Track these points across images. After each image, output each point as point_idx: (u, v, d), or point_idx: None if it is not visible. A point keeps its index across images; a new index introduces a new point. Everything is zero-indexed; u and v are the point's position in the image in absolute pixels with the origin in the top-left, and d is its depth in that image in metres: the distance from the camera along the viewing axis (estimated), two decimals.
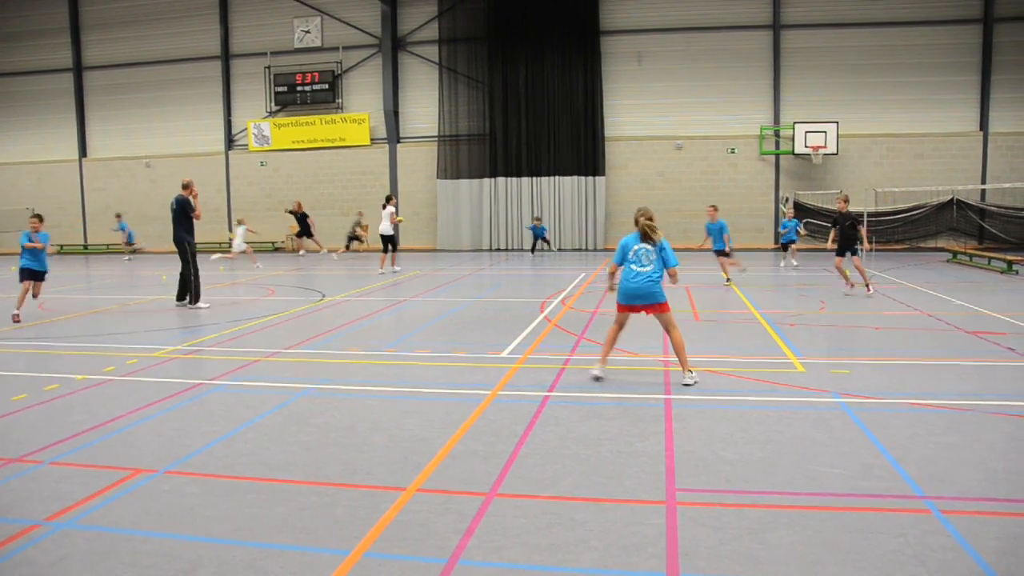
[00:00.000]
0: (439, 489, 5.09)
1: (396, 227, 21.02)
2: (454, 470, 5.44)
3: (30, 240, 12.83)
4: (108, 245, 31.76)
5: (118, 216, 22.83)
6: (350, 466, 5.59)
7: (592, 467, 5.44)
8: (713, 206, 16.69)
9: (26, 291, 12.89)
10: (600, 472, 5.34)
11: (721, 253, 16.14)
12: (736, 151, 26.49)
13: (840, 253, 14.47)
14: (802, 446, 5.82)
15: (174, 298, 14.53)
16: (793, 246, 20.29)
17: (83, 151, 32.35)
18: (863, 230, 15.57)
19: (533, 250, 26.23)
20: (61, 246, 31.51)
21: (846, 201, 14.74)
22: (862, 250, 15.57)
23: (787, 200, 25.68)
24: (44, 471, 5.65)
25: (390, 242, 20.42)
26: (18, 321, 12.58)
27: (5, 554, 4.29)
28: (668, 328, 7.91)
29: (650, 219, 8.02)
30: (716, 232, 16.13)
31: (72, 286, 19.14)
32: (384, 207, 20.57)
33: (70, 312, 14.07)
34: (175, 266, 15.29)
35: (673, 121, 27.01)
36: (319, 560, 4.15)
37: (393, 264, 20.81)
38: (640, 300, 7.88)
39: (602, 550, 4.17)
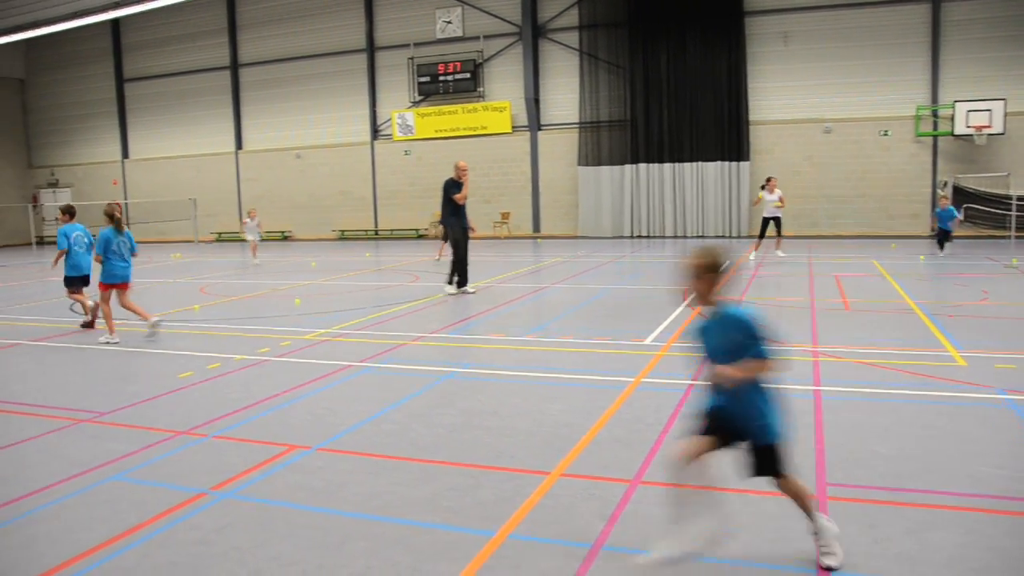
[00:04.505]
0: (583, 474, 5.12)
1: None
2: (598, 456, 5.45)
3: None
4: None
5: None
6: (494, 449, 5.70)
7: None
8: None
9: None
10: None
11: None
12: (890, 133, 25.12)
13: None
14: (964, 444, 5.52)
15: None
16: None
17: (239, 144, 34.13)
18: None
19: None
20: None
21: None
22: None
23: (945, 184, 24.21)
24: (208, 444, 6.04)
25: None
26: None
27: (177, 518, 4.63)
28: None
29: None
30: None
31: (229, 272, 20.27)
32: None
33: (229, 295, 14.92)
34: (323, 252, 15.86)
35: (821, 103, 25.88)
36: (465, 539, 4.26)
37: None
38: None
39: (749, 542, 4.10)
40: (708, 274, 3.76)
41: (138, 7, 28.95)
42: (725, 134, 26.46)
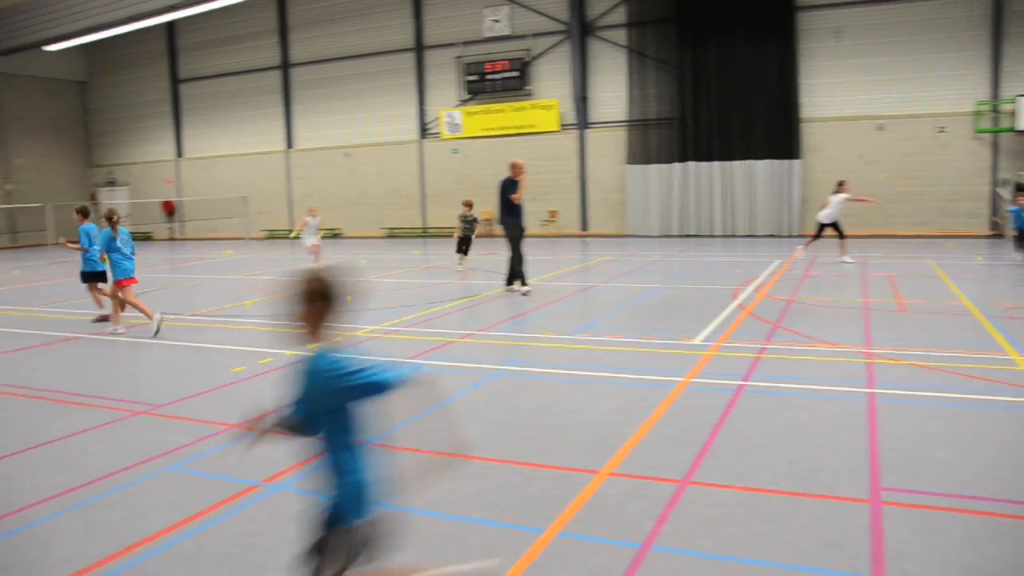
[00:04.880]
0: (632, 474, 5.10)
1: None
2: (647, 456, 5.43)
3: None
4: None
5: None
6: (543, 447, 5.70)
7: (789, 460, 5.27)
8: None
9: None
10: (798, 466, 5.17)
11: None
12: (947, 130, 24.53)
13: None
14: None
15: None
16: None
17: (289, 142, 34.57)
18: None
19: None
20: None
21: None
22: None
23: (1005, 183, 23.59)
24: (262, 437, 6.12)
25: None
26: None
27: (231, 509, 4.72)
28: None
29: None
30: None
31: (280, 268, 20.55)
32: None
33: (280, 292, 15.10)
34: (373, 250, 15.98)
35: (874, 100, 25.37)
36: (514, 536, 4.27)
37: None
38: None
39: (800, 546, 4.05)
40: (316, 303, 3.06)
41: (192, 9, 29.53)
42: (776, 132, 26.09)
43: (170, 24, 35.06)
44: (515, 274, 13.68)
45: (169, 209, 36.93)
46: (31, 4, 30.90)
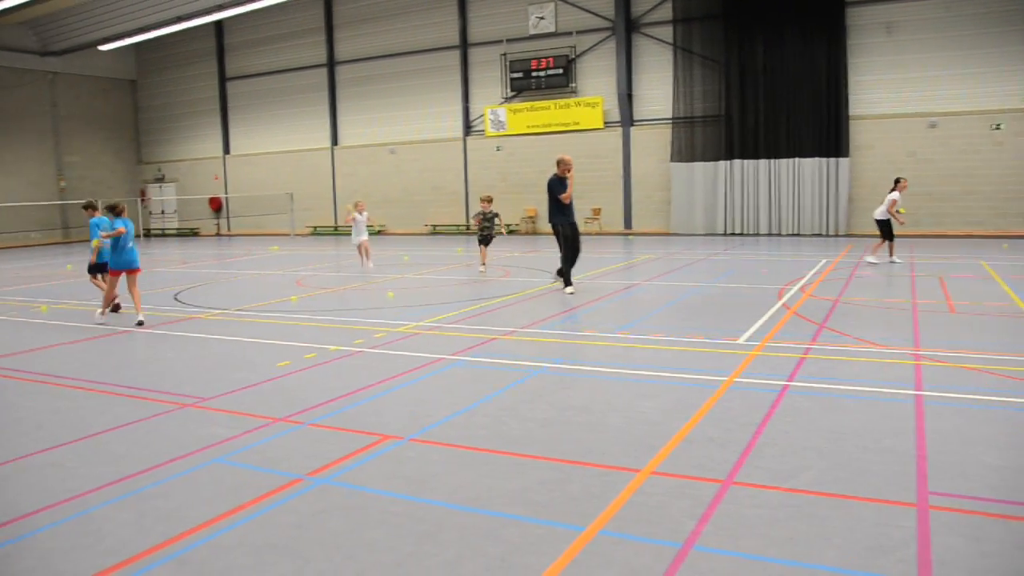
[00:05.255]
0: (674, 473, 5.07)
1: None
2: (689, 455, 5.39)
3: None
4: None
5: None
6: (585, 445, 5.69)
7: (835, 462, 5.20)
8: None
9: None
10: (844, 468, 5.09)
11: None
12: (1003, 127, 23.95)
13: None
14: None
15: (423, 275, 14.85)
16: None
17: (334, 139, 34.92)
18: None
19: None
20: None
21: None
22: None
23: None
24: (304, 431, 6.22)
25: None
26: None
27: (275, 502, 4.78)
28: None
29: None
30: None
31: (325, 264, 20.76)
32: None
33: (325, 288, 15.29)
34: (416, 247, 16.04)
35: (926, 96, 24.85)
36: (555, 534, 4.27)
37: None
38: None
39: (845, 549, 3.99)
40: None
41: (239, 9, 30.01)
42: (823, 129, 25.72)
43: (218, 23, 35.68)
44: (564, 272, 13.45)
45: (216, 205, 37.53)
46: (86, 6, 31.63)
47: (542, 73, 29.90)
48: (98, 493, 5.01)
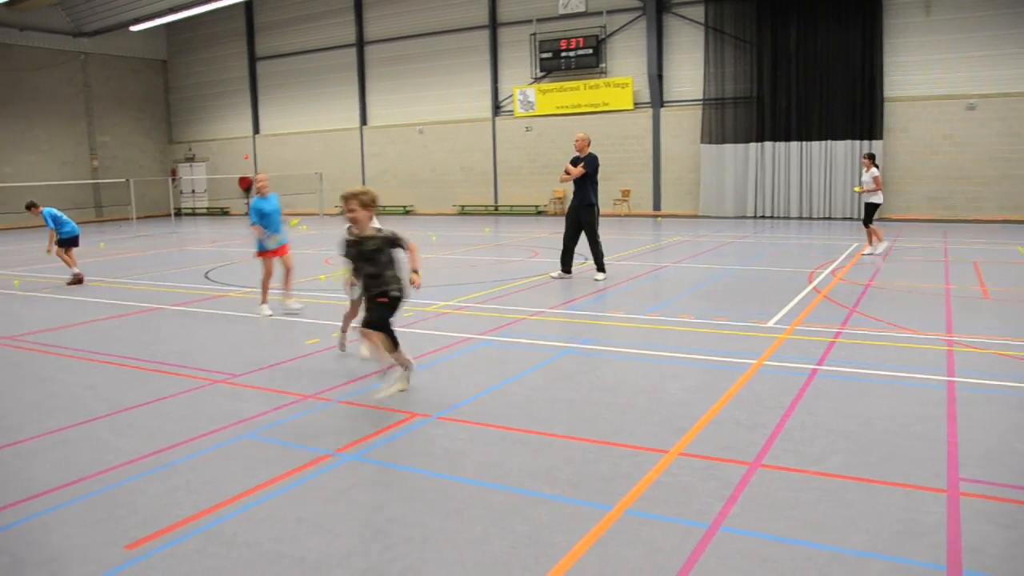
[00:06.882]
0: (702, 455, 5.06)
1: None
2: (717, 437, 5.38)
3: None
4: (383, 207, 34.19)
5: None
6: (613, 425, 5.70)
7: (864, 446, 5.16)
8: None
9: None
10: (873, 452, 5.06)
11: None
12: None
13: None
14: None
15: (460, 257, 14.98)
16: None
17: (363, 119, 34.95)
18: None
19: None
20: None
21: None
22: None
23: None
24: (334, 408, 6.28)
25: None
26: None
27: (304, 477, 4.84)
28: None
29: None
30: None
31: None
32: None
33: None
34: (444, 227, 16.04)
35: (965, 78, 24.33)
36: (582, 512, 4.28)
37: None
38: None
39: (873, 533, 3.97)
40: None
41: None
42: (857, 111, 25.31)
43: (248, 3, 35.79)
44: (597, 259, 12.91)
45: (246, 185, 37.76)
46: None
47: (572, 53, 29.70)
48: (133, 466, 5.10)
